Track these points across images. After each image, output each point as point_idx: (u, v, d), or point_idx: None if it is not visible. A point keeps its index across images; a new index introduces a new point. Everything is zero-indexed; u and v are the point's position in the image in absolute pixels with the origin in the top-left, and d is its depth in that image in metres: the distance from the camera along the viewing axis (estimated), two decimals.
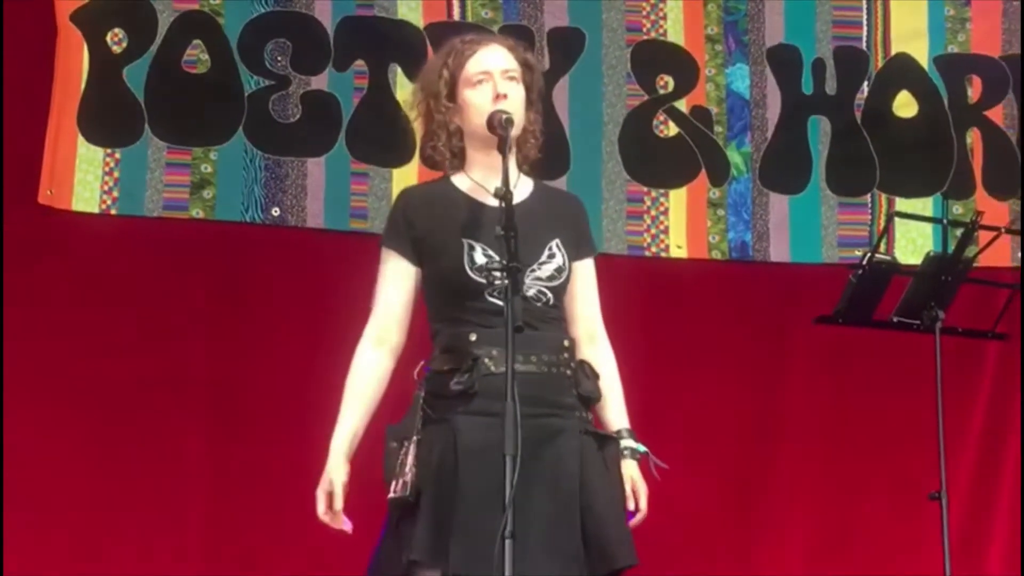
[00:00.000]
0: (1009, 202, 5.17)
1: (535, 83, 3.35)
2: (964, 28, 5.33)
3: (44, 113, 4.89)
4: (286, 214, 4.98)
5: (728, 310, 5.17)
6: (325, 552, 3.47)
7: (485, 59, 3.27)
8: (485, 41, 3.36)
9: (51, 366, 4.84)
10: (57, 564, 4.77)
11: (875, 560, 4.95)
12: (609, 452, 3.22)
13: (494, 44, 3.34)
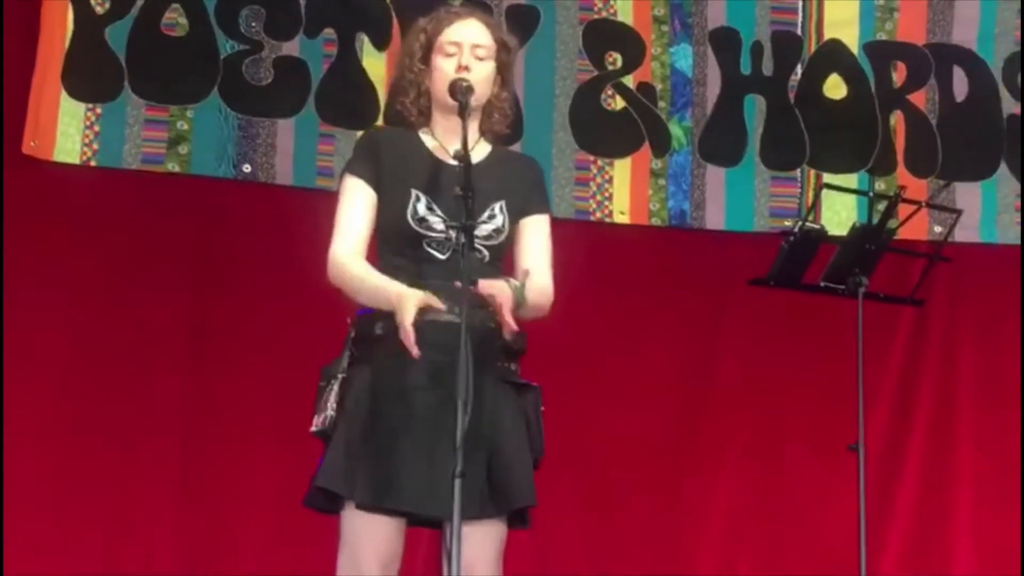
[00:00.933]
0: (927, 180, 5.18)
1: (510, 63, 3.35)
2: (892, 17, 5.32)
3: (27, 70, 4.80)
4: (256, 171, 4.94)
5: (666, 274, 5.17)
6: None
7: (460, 31, 3.26)
8: (466, 15, 3.35)
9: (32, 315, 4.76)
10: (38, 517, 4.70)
11: (798, 502, 4.97)
12: (527, 400, 3.22)
13: (473, 19, 3.33)
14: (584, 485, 4.77)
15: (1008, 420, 5.15)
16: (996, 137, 5.29)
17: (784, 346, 5.00)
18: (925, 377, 5.19)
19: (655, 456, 5.03)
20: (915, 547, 5.08)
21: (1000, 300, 5.21)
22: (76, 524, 4.71)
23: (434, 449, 3.00)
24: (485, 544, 3.12)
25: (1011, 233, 5.24)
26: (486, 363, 3.12)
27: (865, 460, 4.15)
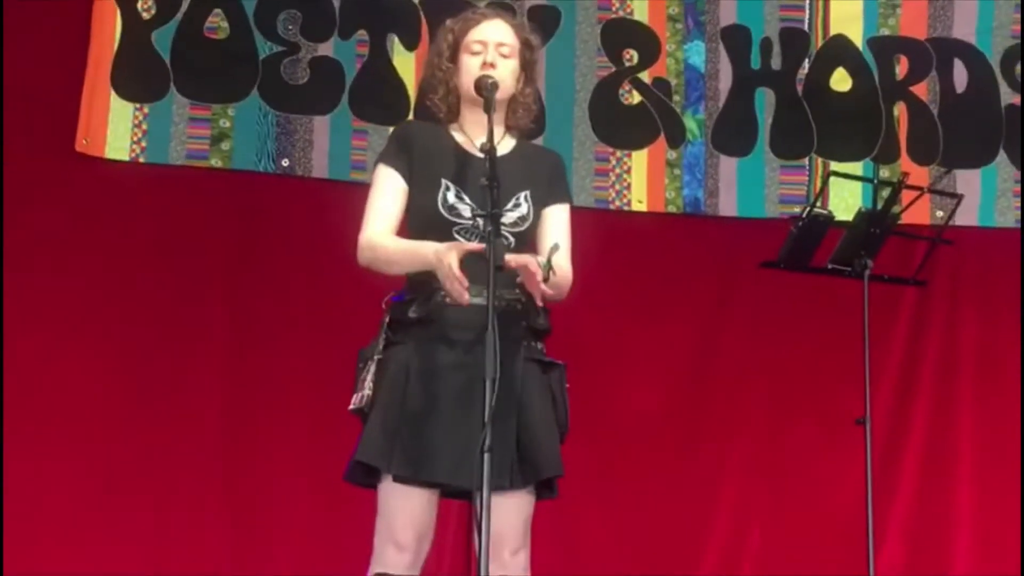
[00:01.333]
0: (929, 167, 5.15)
1: (533, 61, 3.35)
2: (895, 13, 5.29)
3: (79, 72, 4.83)
4: (294, 165, 4.97)
5: (682, 257, 5.16)
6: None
7: (485, 31, 3.27)
8: (491, 16, 3.37)
9: (79, 301, 4.79)
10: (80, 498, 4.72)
11: (808, 472, 4.95)
12: (552, 377, 3.23)
13: (498, 19, 3.34)
14: (604, 456, 4.76)
15: (1007, 394, 5.13)
16: (995, 126, 5.26)
17: (793, 326, 4.98)
18: (928, 353, 5.16)
19: (671, 428, 5.03)
20: (918, 514, 5.06)
21: (999, 280, 5.19)
22: (127, 501, 4.72)
23: (465, 425, 3.00)
24: (513, 514, 3.13)
25: (1009, 217, 5.22)
26: (513, 342, 3.14)
27: (872, 433, 4.15)
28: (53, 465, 4.68)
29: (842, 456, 4.37)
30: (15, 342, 4.69)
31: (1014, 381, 5.12)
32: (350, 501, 3.39)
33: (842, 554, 4.19)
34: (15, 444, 4.66)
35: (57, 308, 4.75)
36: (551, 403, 3.21)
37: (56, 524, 4.66)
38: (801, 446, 4.96)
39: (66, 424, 4.71)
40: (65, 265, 4.77)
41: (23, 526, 4.63)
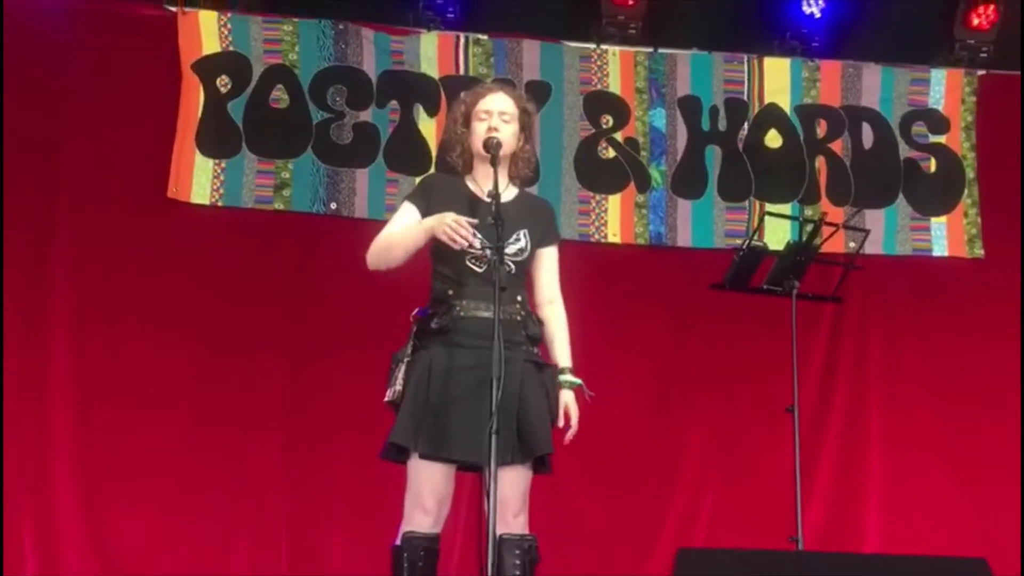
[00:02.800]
0: (844, 207, 5.16)
1: (530, 125, 3.33)
2: (815, 86, 5.31)
3: (170, 134, 4.85)
4: (340, 208, 4.98)
5: (648, 279, 5.15)
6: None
7: (490, 102, 3.27)
8: (496, 89, 3.35)
9: (171, 313, 4.80)
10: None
11: (750, 450, 4.93)
12: (545, 375, 3.22)
13: (501, 92, 3.33)
14: (587, 442, 4.72)
15: (906, 387, 5.14)
16: (895, 175, 5.28)
17: (737, 334, 4.97)
18: (843, 355, 5.17)
19: (641, 418, 5.02)
20: (836, 483, 5.05)
21: (899, 297, 5.21)
22: (204, 480, 4.71)
23: (476, 413, 2.99)
24: (515, 484, 3.12)
25: (907, 247, 5.25)
26: (515, 347, 3.15)
27: (799, 418, 4.16)
28: (152, 444, 4.69)
29: (776, 437, 4.37)
30: (120, 345, 4.71)
31: (912, 377, 5.15)
32: (385, 478, 3.39)
33: (777, 517, 4.18)
34: (119, 428, 4.68)
35: (152, 318, 4.76)
36: (544, 396, 3.19)
37: (146, 495, 4.65)
38: (744, 430, 4.95)
39: (160, 412, 4.71)
40: (158, 286, 4.78)
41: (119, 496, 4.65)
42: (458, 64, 5.08)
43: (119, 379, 4.71)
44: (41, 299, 4.73)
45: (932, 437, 5.09)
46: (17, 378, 4.65)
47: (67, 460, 4.65)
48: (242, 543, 4.71)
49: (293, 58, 4.97)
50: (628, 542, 4.89)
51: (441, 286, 3.20)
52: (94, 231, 4.79)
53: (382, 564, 3.20)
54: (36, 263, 4.74)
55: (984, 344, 5.18)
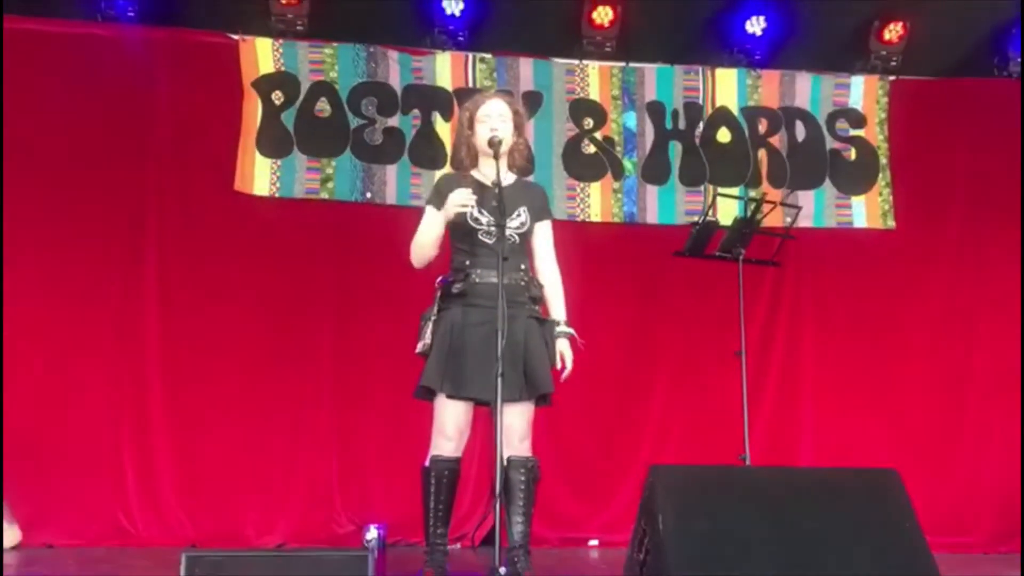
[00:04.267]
0: (781, 189, 5.12)
1: (522, 123, 3.36)
2: (757, 91, 5.27)
3: (236, 139, 4.84)
4: (374, 196, 4.95)
5: (623, 249, 5.11)
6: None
7: (489, 107, 3.28)
8: (492, 96, 3.36)
9: (235, 286, 4.78)
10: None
11: (707, 389, 4.89)
12: (546, 329, 3.25)
13: (497, 99, 3.34)
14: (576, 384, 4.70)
15: (832, 334, 5.13)
16: (822, 163, 5.25)
17: (695, 292, 4.95)
18: (782, 309, 5.15)
19: (620, 361, 5.01)
20: (776, 415, 5.05)
21: (827, 261, 5.17)
22: (268, 425, 4.70)
23: (488, 360, 3.01)
24: (521, 416, 3.16)
25: (833, 221, 5.22)
26: (519, 306, 3.16)
27: (746, 362, 4.16)
28: (227, 391, 4.70)
29: (727, 376, 4.35)
30: (198, 310, 4.70)
31: (838, 326, 5.14)
32: (416, 414, 3.39)
33: (729, 442, 4.17)
34: (200, 378, 4.70)
35: (224, 288, 4.74)
36: (544, 345, 3.23)
37: (224, 428, 4.66)
38: (701, 371, 4.94)
39: (232, 363, 4.71)
40: (228, 261, 4.75)
41: (202, 431, 4.65)
42: (467, 78, 5.04)
43: (199, 338, 4.70)
44: (137, 275, 4.73)
45: (853, 374, 5.08)
46: (119, 340, 4.66)
47: (160, 406, 4.66)
48: (301, 466, 4.73)
49: (333, 76, 4.94)
50: (611, 462, 4.91)
51: (460, 257, 3.23)
52: (176, 217, 4.78)
53: (414, 482, 3.23)
54: (132, 245, 4.73)
55: (896, 299, 5.17)
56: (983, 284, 5.20)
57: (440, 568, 3.12)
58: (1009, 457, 5.04)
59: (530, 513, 3.14)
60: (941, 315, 5.18)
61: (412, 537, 4.35)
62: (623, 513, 4.59)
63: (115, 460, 4.57)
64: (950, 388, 5.12)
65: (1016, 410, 5.08)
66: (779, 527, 2.33)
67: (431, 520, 3.15)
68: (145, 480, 4.59)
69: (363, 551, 2.41)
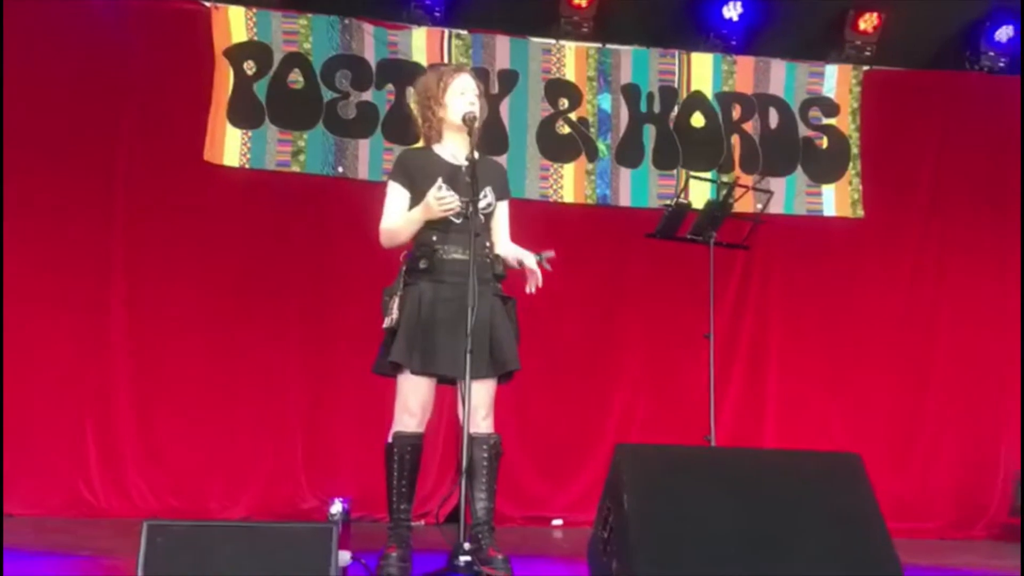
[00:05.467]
0: (753, 175, 5.10)
1: (487, 105, 3.37)
2: (732, 76, 5.25)
3: (206, 108, 4.74)
4: (346, 171, 4.88)
5: (595, 230, 5.08)
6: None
7: (466, 82, 3.21)
8: (464, 71, 3.29)
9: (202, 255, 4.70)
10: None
11: (674, 369, 4.90)
12: (508, 306, 3.19)
13: (466, 74, 3.27)
14: (543, 360, 4.69)
15: (799, 319, 5.14)
16: (795, 150, 5.24)
17: (666, 274, 4.93)
18: (750, 292, 5.16)
19: (588, 341, 5.00)
20: (743, 396, 5.06)
21: (796, 247, 5.19)
22: (237, 393, 4.66)
23: (456, 336, 2.97)
24: (485, 393, 3.12)
25: (803, 208, 5.23)
26: (485, 283, 3.12)
27: (714, 344, 4.13)
28: (194, 363, 4.63)
29: (695, 358, 4.35)
30: (167, 278, 4.62)
31: (805, 310, 5.15)
32: (380, 389, 3.36)
33: (695, 423, 4.16)
34: (167, 350, 4.63)
35: (193, 257, 4.67)
36: (510, 323, 3.19)
37: (190, 404, 4.60)
38: (670, 351, 4.94)
39: (200, 336, 4.65)
40: (197, 230, 4.68)
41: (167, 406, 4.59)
42: (443, 54, 4.97)
43: (165, 309, 4.63)
44: (103, 244, 4.64)
45: (818, 359, 5.10)
46: (84, 310, 4.57)
47: (124, 378, 4.59)
48: (266, 440, 4.67)
49: (307, 47, 4.85)
50: (577, 441, 4.89)
51: (425, 233, 3.16)
52: (145, 186, 4.68)
53: (380, 458, 3.19)
54: (100, 214, 4.64)
55: (862, 285, 5.19)
56: (946, 275, 5.24)
57: (404, 544, 3.08)
58: (967, 445, 5.10)
59: (493, 489, 3.11)
60: (905, 304, 5.22)
61: (376, 513, 4.30)
62: (588, 492, 4.58)
63: (77, 430, 4.49)
64: (912, 375, 5.16)
65: (975, 399, 5.14)
66: (742, 507, 2.32)
67: (395, 496, 3.11)
68: (107, 451, 4.52)
69: (328, 524, 2.36)
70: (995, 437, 5.13)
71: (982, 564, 4.01)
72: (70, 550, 3.41)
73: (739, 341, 5.08)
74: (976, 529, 4.99)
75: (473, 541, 2.94)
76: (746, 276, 5.13)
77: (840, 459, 2.55)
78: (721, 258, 4.35)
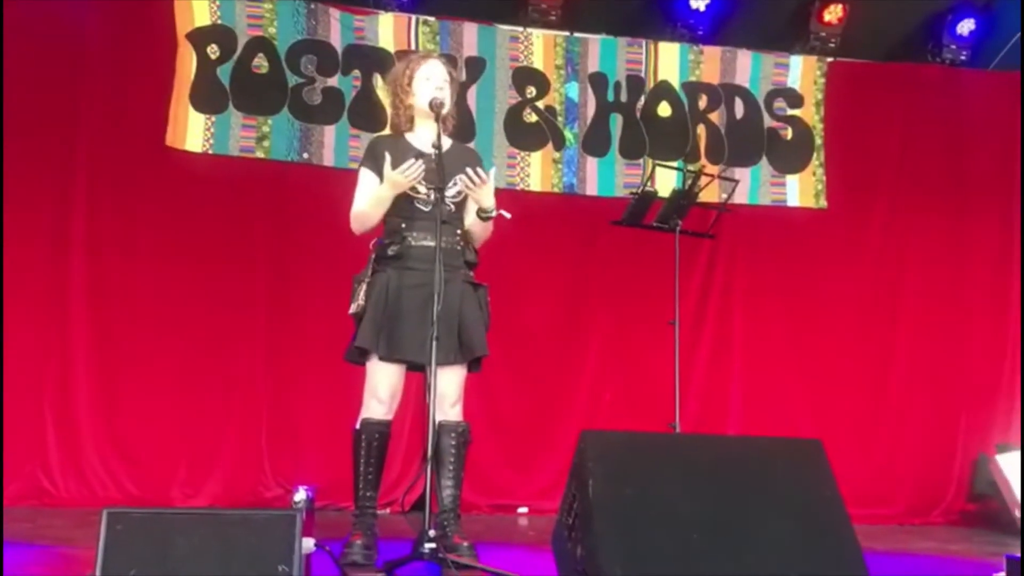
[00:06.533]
0: (719, 165, 5.11)
1: (456, 89, 3.30)
2: (699, 66, 5.26)
3: (168, 92, 4.66)
4: (311, 157, 4.82)
5: (562, 219, 5.08)
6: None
7: (432, 68, 3.20)
8: (432, 57, 3.29)
9: (168, 239, 4.65)
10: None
11: (641, 354, 4.90)
12: (479, 293, 3.19)
13: (436, 61, 3.27)
14: (509, 349, 4.70)
15: (763, 307, 5.17)
16: (760, 141, 5.27)
17: (632, 261, 4.92)
18: (715, 279, 5.17)
19: (554, 328, 4.99)
20: (707, 382, 5.09)
21: (760, 237, 5.21)
22: (200, 377, 4.60)
23: (423, 323, 2.97)
24: (453, 381, 3.13)
25: (767, 198, 5.25)
26: (455, 270, 3.12)
27: (679, 331, 4.15)
28: (156, 348, 4.57)
29: (660, 345, 4.36)
30: (128, 265, 4.56)
31: (769, 299, 5.18)
32: (347, 376, 3.34)
33: (660, 407, 4.21)
34: (128, 337, 4.56)
35: (154, 243, 4.61)
36: (479, 310, 3.19)
37: (152, 389, 4.54)
38: (635, 339, 4.94)
39: (162, 322, 4.59)
40: (159, 217, 4.62)
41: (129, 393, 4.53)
42: (410, 41, 4.93)
43: (127, 296, 4.56)
44: (64, 229, 4.55)
45: (782, 346, 5.15)
46: (44, 296, 4.49)
47: (84, 365, 4.51)
48: (230, 428, 4.63)
49: (272, 31, 4.78)
50: (543, 430, 4.90)
51: (394, 220, 3.16)
52: (106, 172, 4.59)
53: (345, 446, 3.17)
54: (60, 199, 4.55)
55: (825, 274, 5.25)
56: (907, 264, 5.30)
57: (369, 532, 3.07)
58: (926, 432, 5.18)
59: (460, 477, 3.12)
60: (867, 293, 5.27)
61: (341, 501, 4.29)
62: (554, 481, 4.59)
63: (36, 418, 4.41)
64: (874, 363, 5.21)
65: (935, 386, 5.22)
66: (705, 492, 2.33)
67: (361, 484, 3.10)
68: (67, 440, 4.44)
69: (292, 511, 2.34)
70: (953, 424, 5.21)
71: (939, 549, 4.08)
72: (29, 540, 3.36)
73: (704, 328, 5.11)
74: (934, 515, 5.07)
75: (438, 528, 2.94)
76: (711, 264, 5.15)
77: (801, 445, 2.56)
78: (687, 246, 4.35)
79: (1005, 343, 5.30)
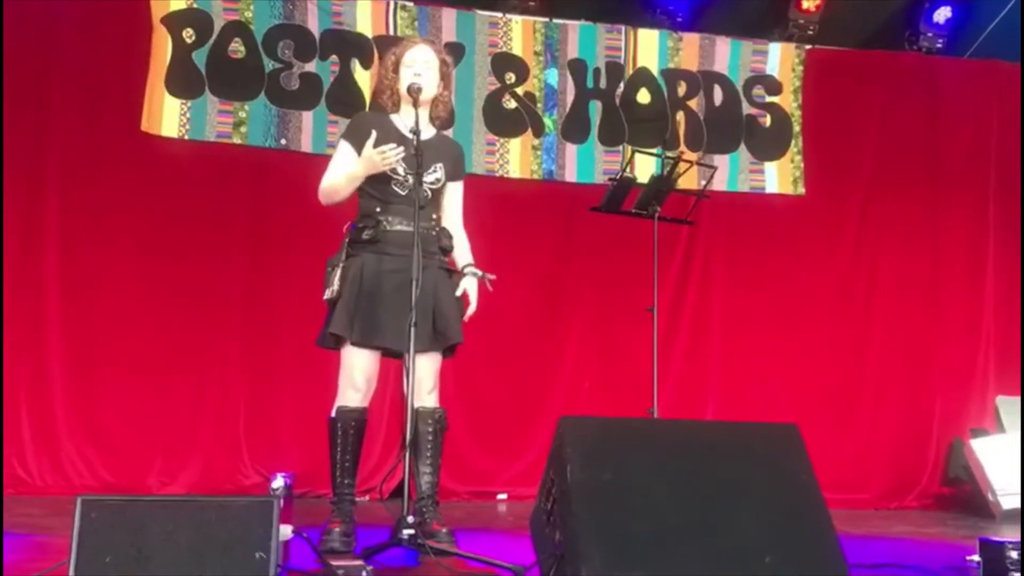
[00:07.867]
0: (698, 152, 5.13)
1: (448, 75, 3.27)
2: (678, 53, 5.26)
3: (143, 77, 4.61)
4: (289, 143, 4.78)
5: (541, 206, 5.07)
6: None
7: (415, 53, 3.19)
8: (420, 42, 3.26)
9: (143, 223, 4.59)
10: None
11: (620, 340, 4.90)
12: (454, 280, 3.18)
13: (424, 45, 3.25)
14: (488, 335, 4.67)
15: (741, 293, 5.18)
16: (738, 128, 5.28)
17: (611, 248, 4.92)
18: (694, 266, 5.18)
19: (533, 314, 4.99)
20: (685, 368, 5.10)
21: (738, 223, 5.23)
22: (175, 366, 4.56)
23: (399, 309, 2.95)
24: (429, 367, 3.11)
25: (746, 185, 5.26)
26: (431, 256, 3.11)
27: (658, 317, 4.15)
28: (132, 335, 4.54)
29: (639, 331, 4.36)
30: (103, 251, 4.52)
31: (746, 285, 5.19)
32: (322, 362, 3.31)
33: (638, 393, 4.20)
34: (104, 322, 4.52)
35: (130, 229, 4.57)
36: (454, 296, 3.17)
37: (128, 377, 4.51)
38: (614, 325, 4.94)
39: (139, 308, 4.55)
40: (134, 203, 4.57)
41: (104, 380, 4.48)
42: (388, 26, 4.89)
43: (101, 282, 4.51)
44: (37, 216, 4.49)
45: (759, 332, 5.17)
46: (17, 284, 4.43)
47: (59, 352, 4.46)
48: (207, 415, 4.59)
49: (248, 16, 4.74)
50: (521, 416, 4.89)
51: (369, 203, 3.13)
52: (80, 158, 4.54)
53: (324, 432, 3.15)
54: (33, 185, 4.49)
55: (802, 260, 5.27)
56: (883, 250, 5.33)
57: (347, 519, 3.06)
58: (901, 417, 5.22)
59: (438, 464, 3.11)
60: (844, 280, 5.30)
61: (320, 488, 4.27)
62: (533, 467, 4.59)
63: (10, 406, 4.36)
64: (851, 349, 5.24)
65: (910, 372, 5.26)
66: (683, 477, 2.34)
67: (338, 471, 3.09)
68: (42, 428, 4.40)
69: (269, 497, 2.32)
70: (928, 410, 5.26)
71: (914, 533, 4.12)
72: (4, 528, 3.32)
73: (682, 315, 5.12)
74: (909, 499, 5.12)
75: (417, 515, 2.93)
76: (690, 251, 5.16)
77: (778, 430, 2.58)
78: (665, 233, 4.36)
79: (979, 329, 5.35)
